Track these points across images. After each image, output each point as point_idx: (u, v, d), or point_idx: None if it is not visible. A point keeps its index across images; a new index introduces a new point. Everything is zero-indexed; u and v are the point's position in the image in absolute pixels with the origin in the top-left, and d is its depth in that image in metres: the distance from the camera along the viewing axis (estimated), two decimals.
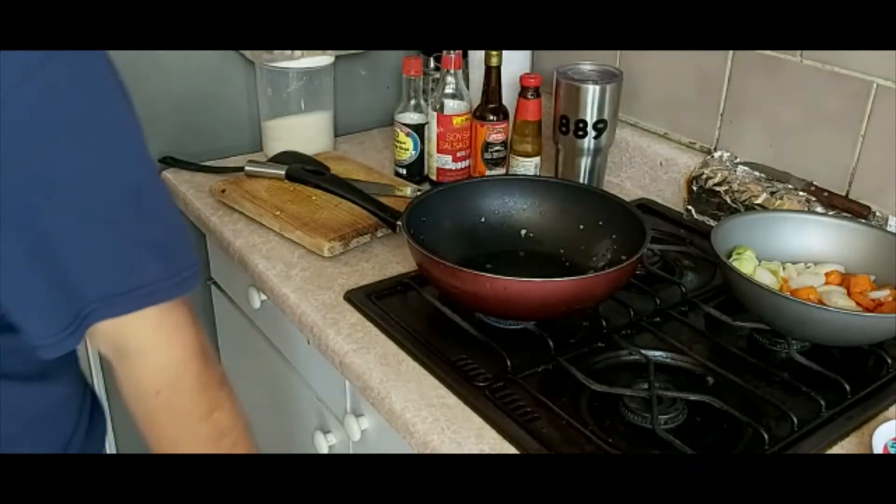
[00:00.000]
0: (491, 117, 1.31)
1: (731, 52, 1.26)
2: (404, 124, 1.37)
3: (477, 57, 1.42)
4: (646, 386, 0.89)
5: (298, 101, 1.44)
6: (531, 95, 1.28)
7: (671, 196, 1.37)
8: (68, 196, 0.61)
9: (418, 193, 1.17)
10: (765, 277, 1.01)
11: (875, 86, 1.10)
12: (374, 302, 1.06)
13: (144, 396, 0.70)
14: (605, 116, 1.28)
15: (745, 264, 1.01)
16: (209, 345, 0.73)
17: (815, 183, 1.18)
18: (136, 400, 0.71)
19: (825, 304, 0.95)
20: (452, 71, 1.31)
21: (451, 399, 0.89)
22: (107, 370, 1.31)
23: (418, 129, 1.37)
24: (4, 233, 0.60)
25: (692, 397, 0.87)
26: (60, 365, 0.75)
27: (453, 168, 1.36)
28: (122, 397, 0.72)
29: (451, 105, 1.33)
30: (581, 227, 1.13)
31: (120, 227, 0.64)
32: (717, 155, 1.30)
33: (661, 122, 1.41)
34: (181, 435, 0.73)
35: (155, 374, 0.69)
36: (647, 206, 1.35)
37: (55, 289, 0.63)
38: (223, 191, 1.30)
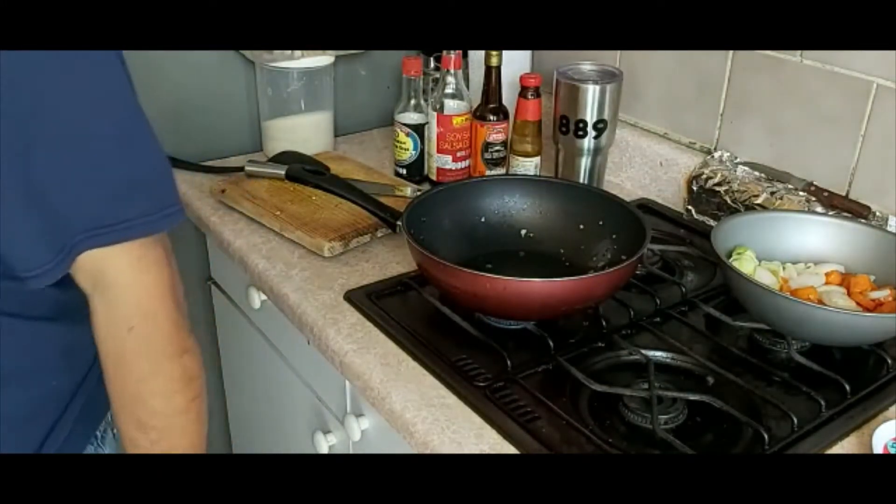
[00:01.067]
0: (491, 117, 1.31)
1: (731, 52, 1.26)
2: (404, 124, 1.37)
3: (477, 57, 1.42)
4: (646, 386, 0.89)
5: (298, 101, 1.44)
6: (531, 95, 1.28)
7: (671, 196, 1.37)
8: (59, 133, 0.65)
9: (418, 193, 1.17)
10: (765, 277, 1.01)
11: (875, 86, 1.10)
12: (374, 302, 1.06)
13: (118, 332, 0.73)
14: (605, 116, 1.28)
15: (745, 264, 1.01)
16: (182, 291, 0.76)
17: (815, 183, 1.18)
18: (110, 336, 0.74)
19: (825, 304, 0.95)
20: (452, 71, 1.31)
21: (451, 399, 0.89)
22: None
23: (418, 129, 1.37)
24: (3, 167, 0.64)
25: (692, 397, 0.87)
26: (65, 311, 0.79)
27: (453, 168, 1.36)
28: (95, 338, 0.74)
29: (451, 105, 1.33)
30: (581, 227, 1.13)
31: (107, 163, 0.68)
32: (717, 155, 1.30)
33: (661, 122, 1.41)
34: (152, 372, 0.74)
35: (131, 308, 0.72)
36: (647, 206, 1.35)
37: (45, 219, 0.67)
38: (223, 191, 1.30)
